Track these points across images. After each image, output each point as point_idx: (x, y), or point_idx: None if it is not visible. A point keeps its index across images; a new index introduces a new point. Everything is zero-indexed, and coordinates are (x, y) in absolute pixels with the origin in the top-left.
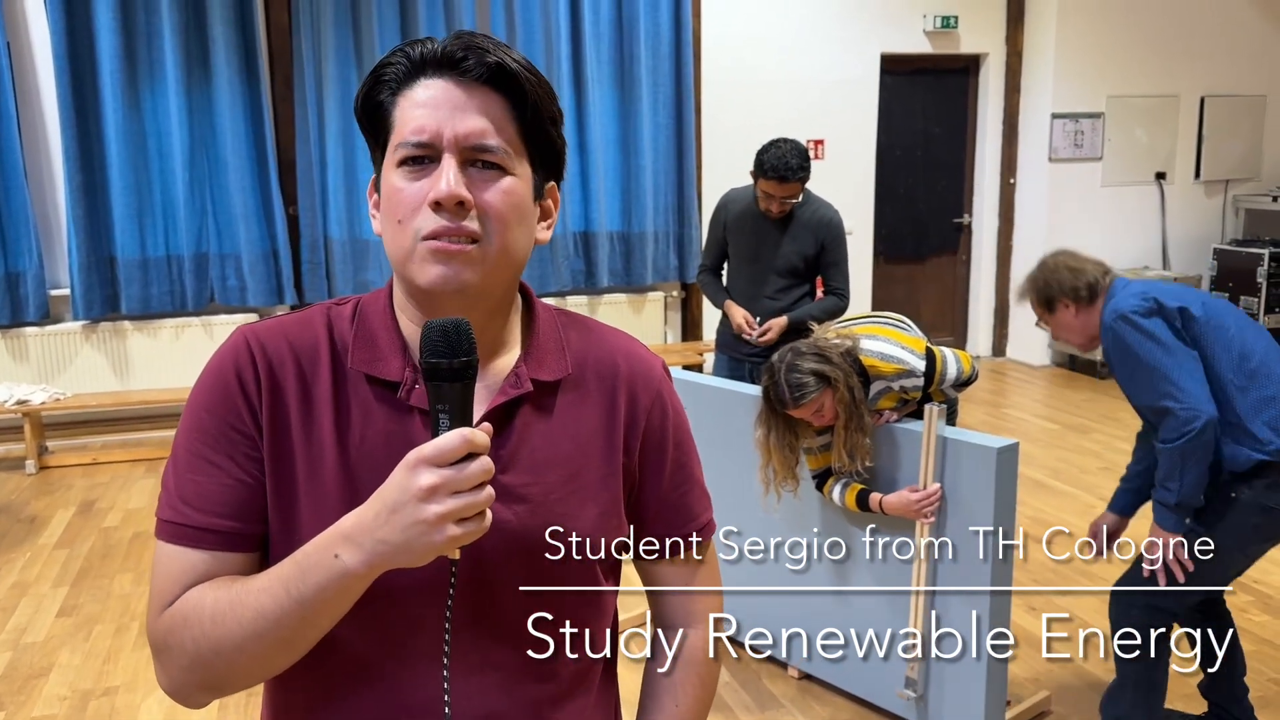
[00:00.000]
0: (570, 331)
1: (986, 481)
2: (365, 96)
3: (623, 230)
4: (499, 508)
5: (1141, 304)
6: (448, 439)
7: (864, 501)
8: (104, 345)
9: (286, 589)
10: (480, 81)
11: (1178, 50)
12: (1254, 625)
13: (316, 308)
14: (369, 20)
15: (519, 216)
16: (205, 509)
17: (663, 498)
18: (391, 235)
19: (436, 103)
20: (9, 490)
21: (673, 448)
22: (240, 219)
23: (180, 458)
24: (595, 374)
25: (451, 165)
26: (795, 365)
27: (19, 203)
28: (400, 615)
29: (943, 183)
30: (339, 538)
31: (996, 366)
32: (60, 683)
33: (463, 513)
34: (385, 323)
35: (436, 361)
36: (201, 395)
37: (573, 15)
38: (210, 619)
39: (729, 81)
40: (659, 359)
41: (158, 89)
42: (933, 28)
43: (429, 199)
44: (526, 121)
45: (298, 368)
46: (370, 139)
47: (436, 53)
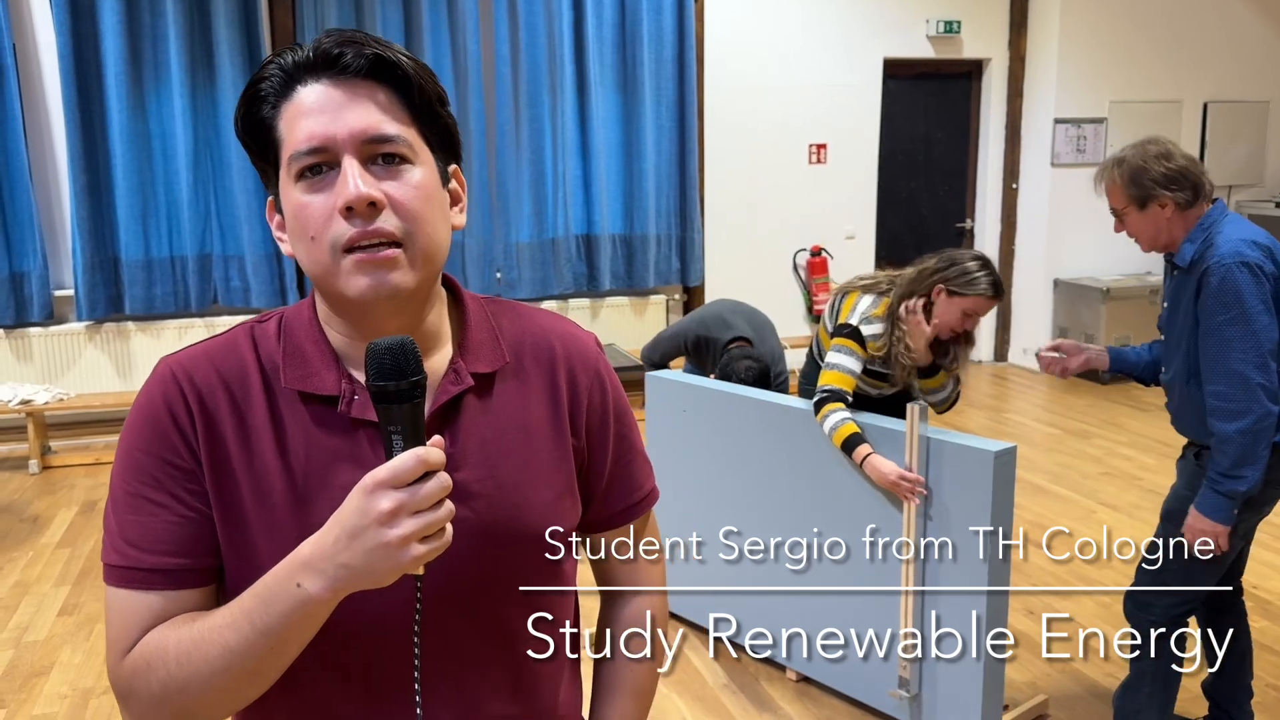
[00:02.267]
0: (502, 319)
1: (984, 485)
2: (245, 115)
3: (625, 233)
4: (456, 506)
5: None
6: (403, 460)
7: (851, 445)
8: (107, 346)
9: (250, 622)
10: (360, 76)
11: (1181, 56)
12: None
13: (239, 329)
14: (372, 24)
15: (434, 208)
16: (152, 549)
17: (610, 473)
18: (306, 252)
19: (321, 106)
20: (12, 490)
21: (614, 421)
22: (244, 220)
23: (120, 500)
24: (533, 359)
25: (354, 166)
26: (989, 264)
27: (24, 203)
28: (369, 633)
29: (945, 188)
30: (299, 566)
31: (998, 371)
32: (61, 681)
33: (424, 531)
34: (313, 336)
35: (385, 384)
36: (133, 435)
37: (576, 19)
38: (175, 660)
39: (732, 86)
40: (592, 335)
41: (162, 90)
42: (935, 33)
43: (338, 206)
44: (416, 106)
45: (229, 394)
46: (258, 158)
47: (309, 56)
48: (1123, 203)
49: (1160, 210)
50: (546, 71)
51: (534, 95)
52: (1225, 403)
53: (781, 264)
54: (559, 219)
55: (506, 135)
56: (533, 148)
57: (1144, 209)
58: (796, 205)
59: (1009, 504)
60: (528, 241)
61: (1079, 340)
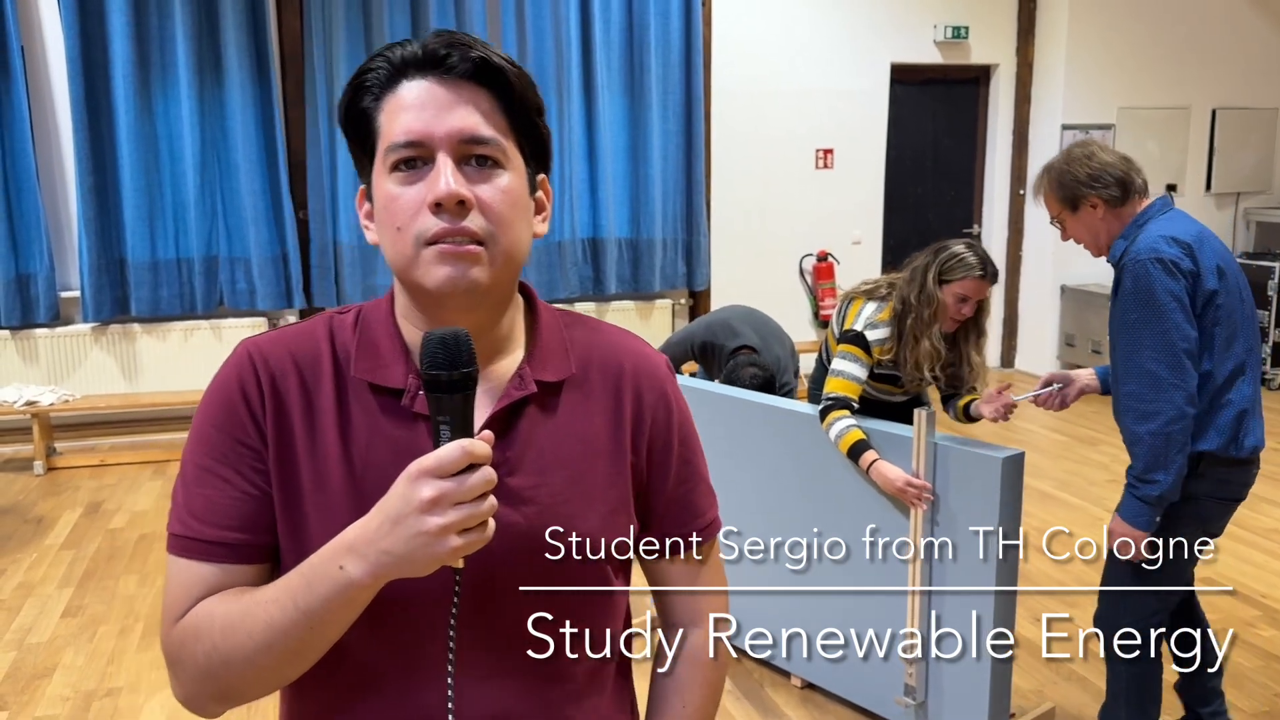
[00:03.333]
0: (574, 330)
1: (991, 491)
2: (348, 104)
3: (631, 237)
4: (506, 510)
5: (1178, 255)
6: (448, 450)
7: (857, 452)
8: (113, 347)
9: (294, 600)
10: (464, 78)
11: (1189, 62)
12: (1261, 640)
13: (319, 318)
14: (380, 25)
15: (519, 213)
16: (214, 522)
17: (669, 496)
18: (391, 242)
19: (423, 102)
20: (17, 491)
21: (678, 445)
22: (250, 222)
23: (188, 473)
24: (600, 373)
25: (448, 164)
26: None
27: (30, 204)
28: (407, 623)
29: (952, 193)
30: (343, 549)
31: (1005, 377)
32: (64, 683)
33: (465, 524)
34: (388, 330)
35: (436, 373)
36: (207, 410)
37: (583, 23)
38: (220, 632)
39: (739, 90)
40: (663, 356)
41: (170, 92)
42: (943, 38)
43: (428, 200)
44: (514, 114)
45: (300, 379)
46: (356, 148)
47: (418, 53)
48: (1056, 208)
49: (1092, 211)
50: (554, 76)
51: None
52: (1137, 403)
53: (788, 269)
54: (565, 222)
55: None
56: None
57: (1076, 211)
58: (803, 210)
59: (1017, 510)
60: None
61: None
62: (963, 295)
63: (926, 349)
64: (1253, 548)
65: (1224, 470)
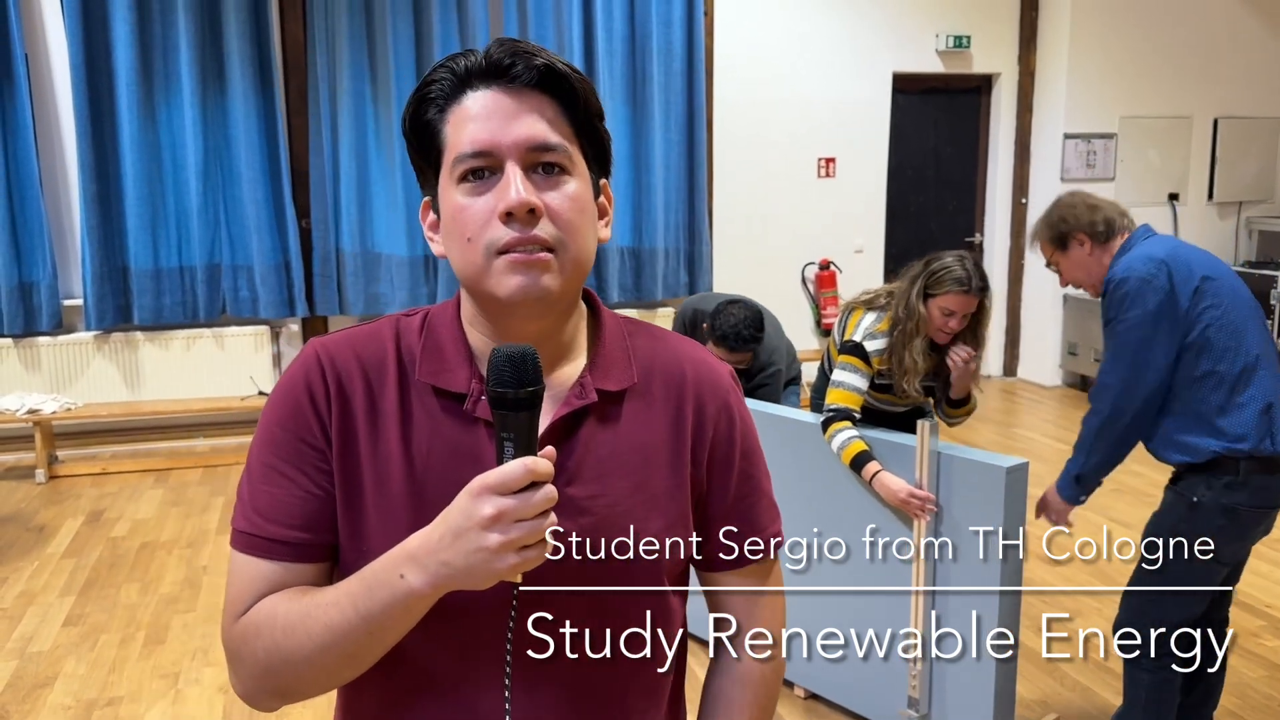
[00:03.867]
0: (637, 339)
1: (995, 501)
2: (413, 116)
3: (633, 246)
4: (564, 520)
5: (1151, 271)
6: (511, 468)
7: (859, 464)
8: (116, 355)
9: (354, 605)
10: (529, 86)
11: (1191, 71)
12: (1266, 650)
13: (386, 319)
14: (383, 34)
15: (587, 220)
16: (278, 520)
17: (728, 508)
18: (460, 253)
19: (489, 112)
20: (18, 499)
21: (740, 458)
22: (253, 230)
23: (254, 470)
24: (662, 382)
25: (517, 173)
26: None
27: (34, 213)
28: (466, 631)
29: (954, 202)
30: (405, 558)
31: (1007, 386)
32: (65, 692)
33: (524, 540)
34: (453, 334)
35: (503, 391)
36: (274, 409)
37: (586, 32)
38: (282, 630)
39: (741, 99)
40: (727, 367)
41: (173, 101)
42: (945, 47)
43: (499, 210)
44: (578, 120)
45: (365, 380)
46: (419, 159)
47: (481, 63)
48: (1049, 251)
49: (1080, 248)
50: None
51: None
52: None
53: (790, 277)
54: None
55: None
56: None
57: (1066, 250)
58: (805, 219)
59: (1021, 520)
60: None
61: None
62: (948, 309)
63: (908, 363)
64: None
65: (1263, 477)
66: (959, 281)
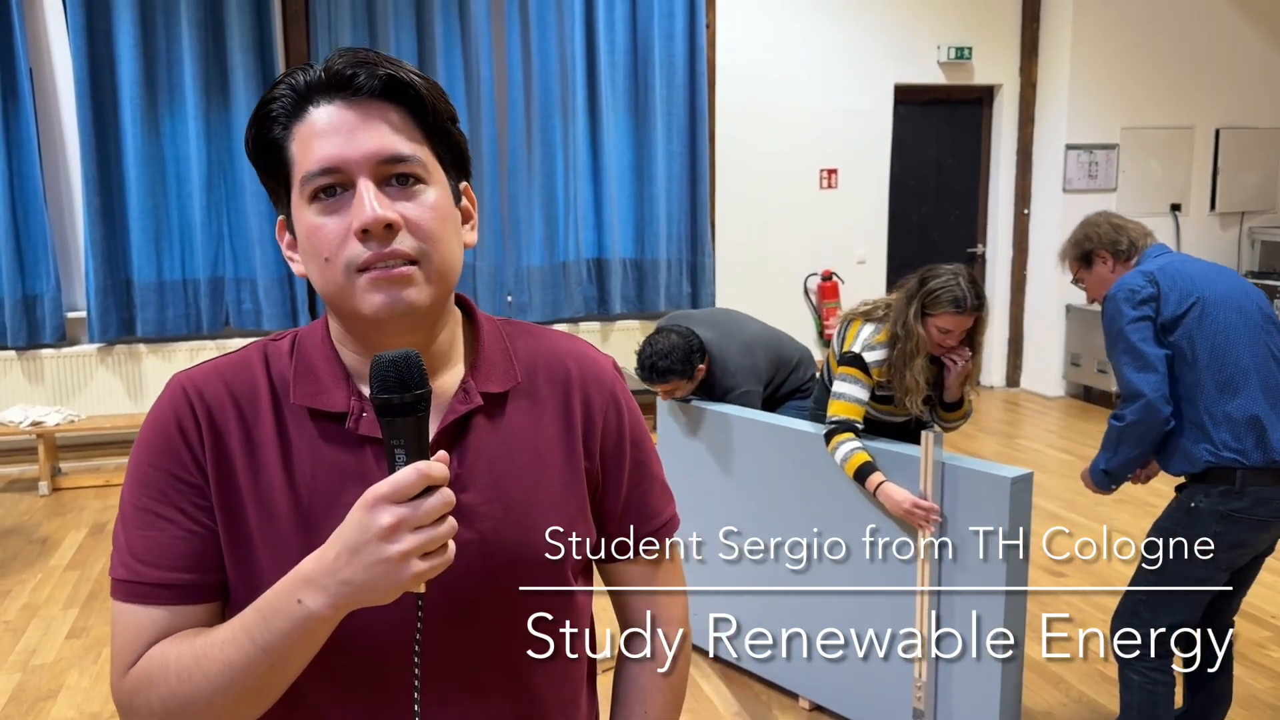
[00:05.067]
0: (517, 340)
1: (1000, 512)
2: (256, 135)
3: (636, 257)
4: (462, 528)
5: (1139, 283)
6: (404, 475)
7: (863, 475)
8: (119, 368)
9: (251, 638)
10: (374, 96)
11: (1192, 82)
12: (1271, 661)
13: (252, 346)
14: (386, 47)
15: (449, 227)
16: (158, 564)
17: (625, 498)
18: (320, 273)
19: (334, 127)
20: (22, 511)
21: (630, 446)
22: (256, 243)
23: (128, 514)
24: (547, 380)
25: (369, 187)
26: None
27: (38, 225)
28: (370, 653)
29: (956, 213)
30: (300, 582)
31: (1010, 397)
32: (68, 705)
33: (426, 547)
34: (325, 354)
35: (389, 397)
36: (143, 449)
37: (588, 45)
38: (176, 676)
39: (743, 110)
40: (609, 358)
41: (177, 114)
42: (947, 59)
43: (354, 228)
44: (429, 125)
45: (237, 410)
46: (268, 179)
47: (321, 77)
48: (1075, 268)
49: (1103, 264)
50: (558, 96)
51: (546, 119)
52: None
53: (792, 288)
54: (570, 243)
55: (518, 159)
56: (544, 172)
57: (1090, 267)
58: (807, 230)
59: (1025, 531)
60: (539, 265)
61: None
62: (945, 329)
63: (909, 381)
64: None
65: (1264, 488)
66: (955, 303)
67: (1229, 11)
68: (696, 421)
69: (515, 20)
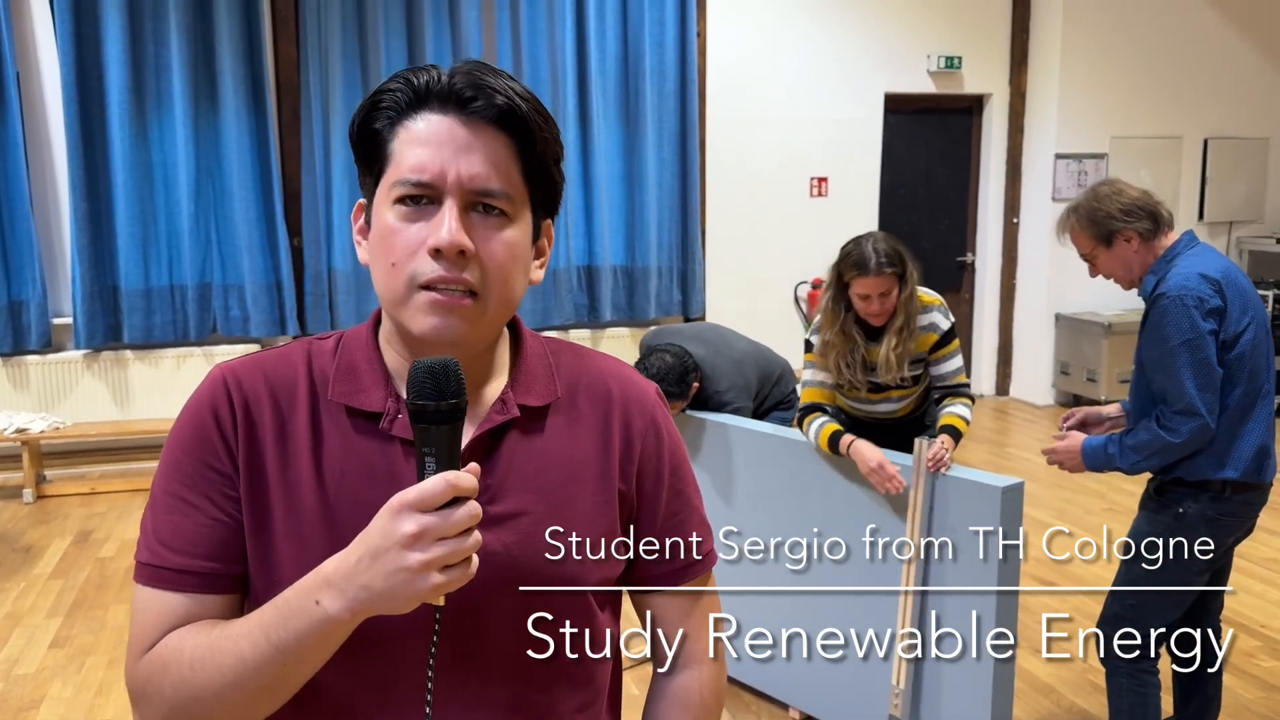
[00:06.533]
0: (561, 357)
1: (991, 521)
2: (362, 122)
3: (626, 265)
4: (488, 538)
5: (1210, 296)
6: (432, 483)
7: (835, 443)
8: (105, 374)
9: (266, 635)
10: (487, 121)
11: (1181, 92)
12: (1261, 670)
13: (298, 343)
14: (375, 53)
15: (518, 266)
16: (183, 550)
17: (660, 526)
18: (383, 275)
19: (440, 140)
20: (5, 519)
21: (669, 474)
22: (244, 250)
23: (158, 499)
24: (588, 398)
25: (454, 211)
26: (879, 241)
27: (24, 231)
28: (385, 659)
29: (946, 222)
30: (321, 583)
31: (1000, 406)
32: (51, 715)
33: (447, 560)
34: (368, 354)
35: (424, 403)
36: (178, 436)
37: (579, 53)
38: (189, 665)
39: (733, 119)
40: (652, 384)
41: (165, 119)
42: (937, 68)
43: (428, 245)
44: (531, 164)
45: (274, 404)
46: (363, 166)
47: (443, 87)
48: (1088, 245)
49: (1127, 244)
50: (549, 104)
51: None
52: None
53: (782, 296)
54: (560, 250)
55: None
56: None
57: (1111, 246)
58: (797, 238)
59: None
60: None
61: (1082, 377)
62: (862, 294)
63: (829, 341)
64: (1252, 578)
65: (1247, 494)
66: (859, 265)
67: (1218, 22)
68: (697, 431)
69: (506, 27)
